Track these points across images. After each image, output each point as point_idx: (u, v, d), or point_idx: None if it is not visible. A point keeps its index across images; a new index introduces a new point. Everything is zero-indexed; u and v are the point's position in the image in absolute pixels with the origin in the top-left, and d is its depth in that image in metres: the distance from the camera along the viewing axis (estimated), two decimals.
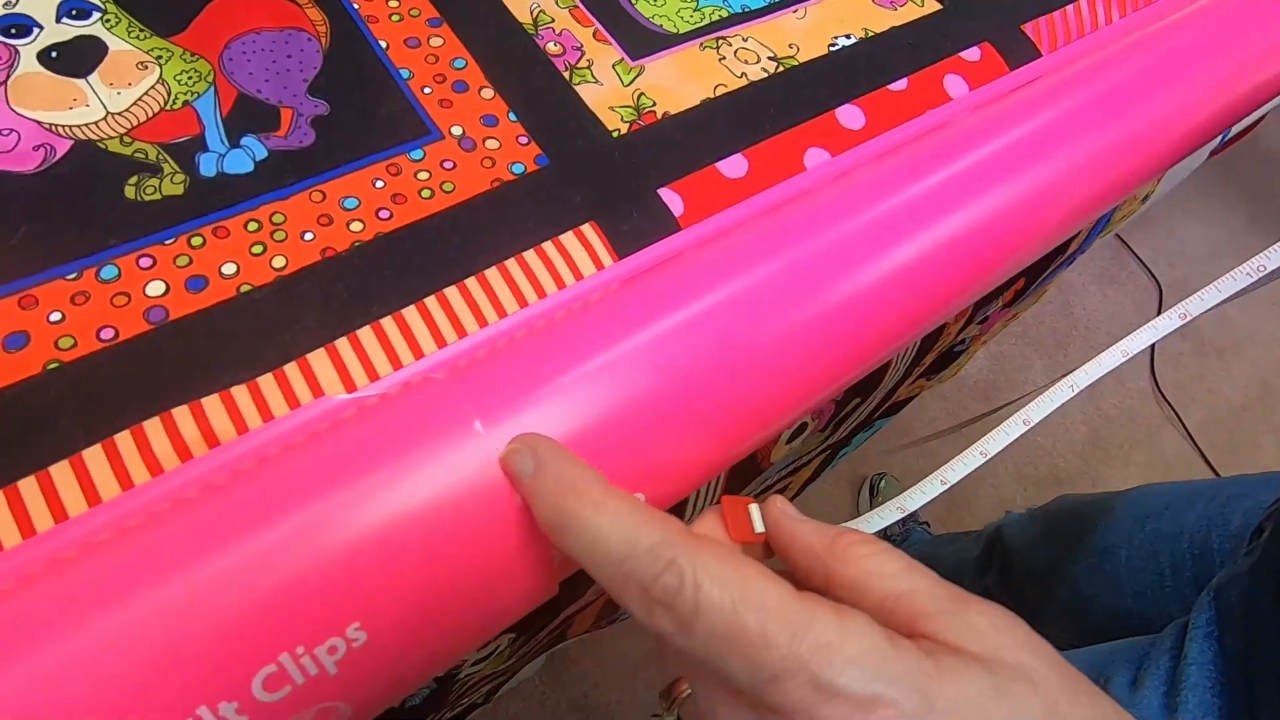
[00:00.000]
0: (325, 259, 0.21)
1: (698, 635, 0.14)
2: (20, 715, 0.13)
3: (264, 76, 0.24)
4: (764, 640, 0.14)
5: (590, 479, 0.16)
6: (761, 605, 0.14)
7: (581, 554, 0.15)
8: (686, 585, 0.14)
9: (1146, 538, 0.50)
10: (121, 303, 0.20)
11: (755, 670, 0.14)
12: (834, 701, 0.14)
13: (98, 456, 0.18)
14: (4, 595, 0.15)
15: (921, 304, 0.26)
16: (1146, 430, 1.38)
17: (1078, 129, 0.29)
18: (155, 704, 0.14)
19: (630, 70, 0.27)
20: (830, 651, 0.14)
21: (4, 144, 0.21)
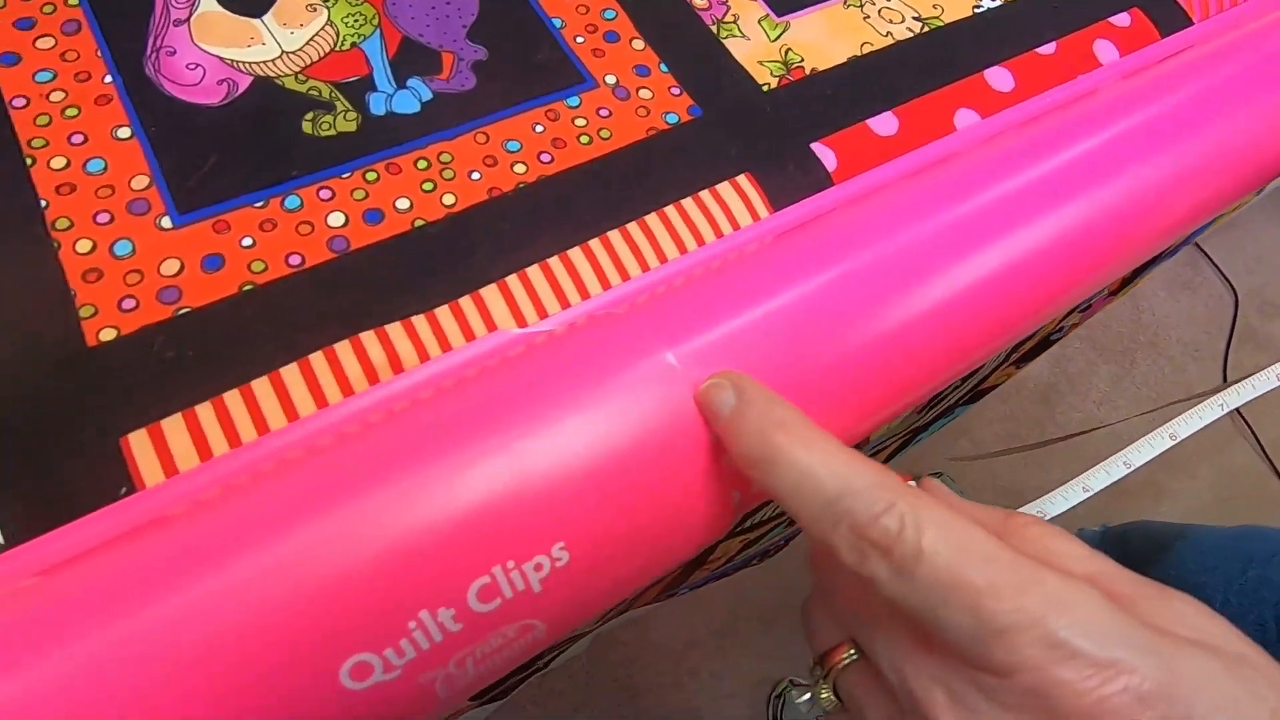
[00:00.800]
0: (492, 198, 0.22)
1: (918, 581, 0.13)
2: (259, 604, 0.13)
3: (425, 21, 0.25)
4: (992, 591, 0.13)
5: (797, 417, 0.15)
6: (987, 556, 0.13)
7: (786, 490, 0.15)
8: (908, 529, 0.14)
9: (1249, 583, 0.47)
10: (306, 231, 0.20)
11: (980, 622, 0.13)
12: (1071, 662, 0.13)
13: (294, 374, 0.18)
14: (230, 496, 0.15)
15: (1074, 273, 0.25)
16: (1216, 443, 1.33)
17: (1232, 101, 0.28)
18: (382, 606, 0.14)
19: (776, 26, 0.27)
20: (1065, 610, 0.13)
21: (191, 77, 0.22)
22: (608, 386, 0.17)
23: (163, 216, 0.20)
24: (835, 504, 0.14)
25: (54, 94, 0.21)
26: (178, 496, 0.16)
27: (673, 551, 0.18)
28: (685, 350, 0.17)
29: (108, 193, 0.20)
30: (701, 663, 1.06)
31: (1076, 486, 0.26)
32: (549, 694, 1.02)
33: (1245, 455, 1.33)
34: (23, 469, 0.16)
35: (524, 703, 1.03)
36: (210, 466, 0.17)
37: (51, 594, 0.14)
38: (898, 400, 0.21)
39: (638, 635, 1.07)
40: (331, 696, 0.14)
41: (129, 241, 0.19)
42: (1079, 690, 0.13)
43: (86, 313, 0.18)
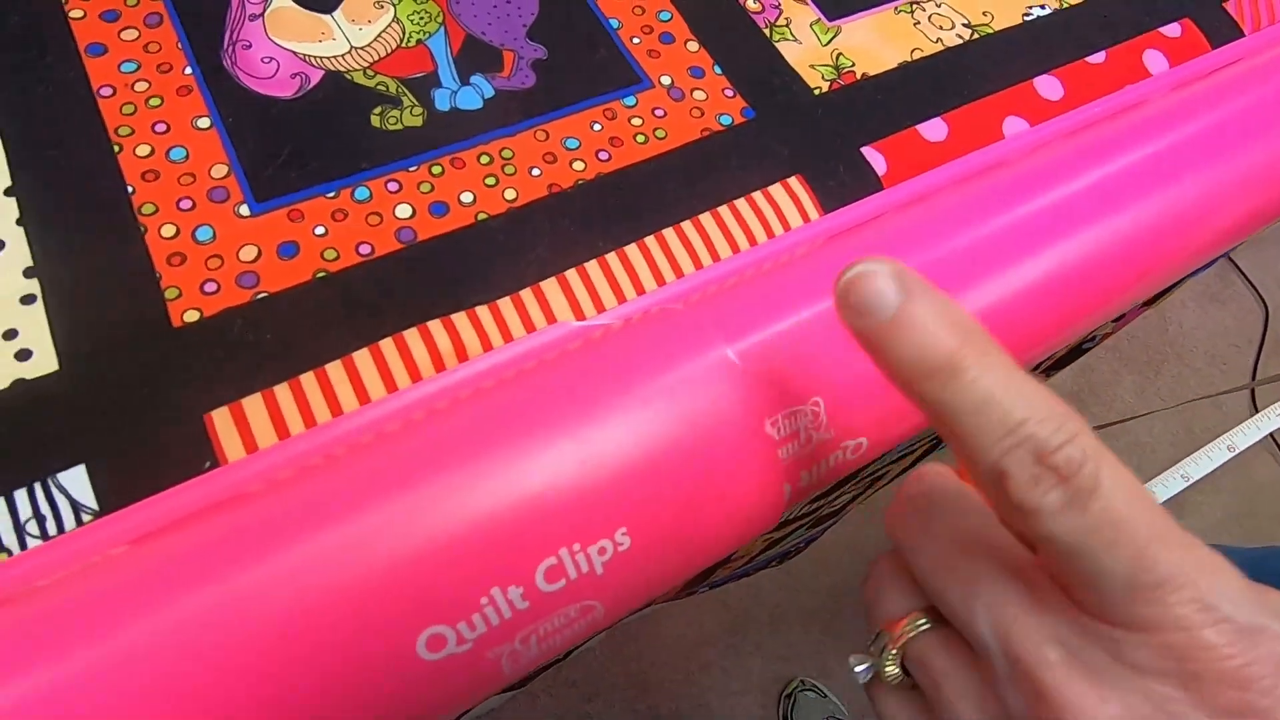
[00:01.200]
0: (552, 194, 0.22)
1: (1090, 515, 0.13)
2: (343, 576, 0.14)
3: (487, 19, 0.25)
4: (1161, 539, 0.13)
5: (978, 327, 0.14)
6: (1155, 511, 0.13)
7: (962, 406, 0.13)
8: (1090, 464, 0.13)
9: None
10: (375, 222, 0.21)
11: (1139, 569, 0.13)
12: (1220, 626, 0.13)
13: (365, 359, 0.19)
14: (312, 474, 0.16)
15: (1117, 284, 0.25)
16: (1241, 458, 1.31)
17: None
18: (457, 582, 0.15)
19: (828, 30, 0.27)
20: (1218, 575, 0.13)
21: (266, 70, 0.23)
22: (669, 380, 0.17)
23: (241, 204, 0.20)
24: (1020, 427, 0.13)
25: (138, 84, 0.22)
26: (258, 472, 0.17)
27: (726, 540, 0.18)
28: (744, 346, 0.18)
29: (189, 180, 0.20)
30: (713, 659, 1.07)
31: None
32: (563, 684, 1.03)
33: (1270, 470, 1.32)
34: (116, 442, 0.17)
35: (538, 692, 1.04)
36: (288, 444, 0.17)
37: (143, 561, 0.15)
38: None
39: (651, 630, 1.08)
40: (407, 665, 0.15)
41: (210, 227, 0.20)
42: (1224, 654, 0.12)
43: (171, 295, 0.19)
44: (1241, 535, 1.25)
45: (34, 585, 0.15)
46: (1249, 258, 1.47)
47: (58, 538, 0.16)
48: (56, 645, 0.14)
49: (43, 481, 0.16)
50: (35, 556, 0.16)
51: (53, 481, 0.16)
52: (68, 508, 0.16)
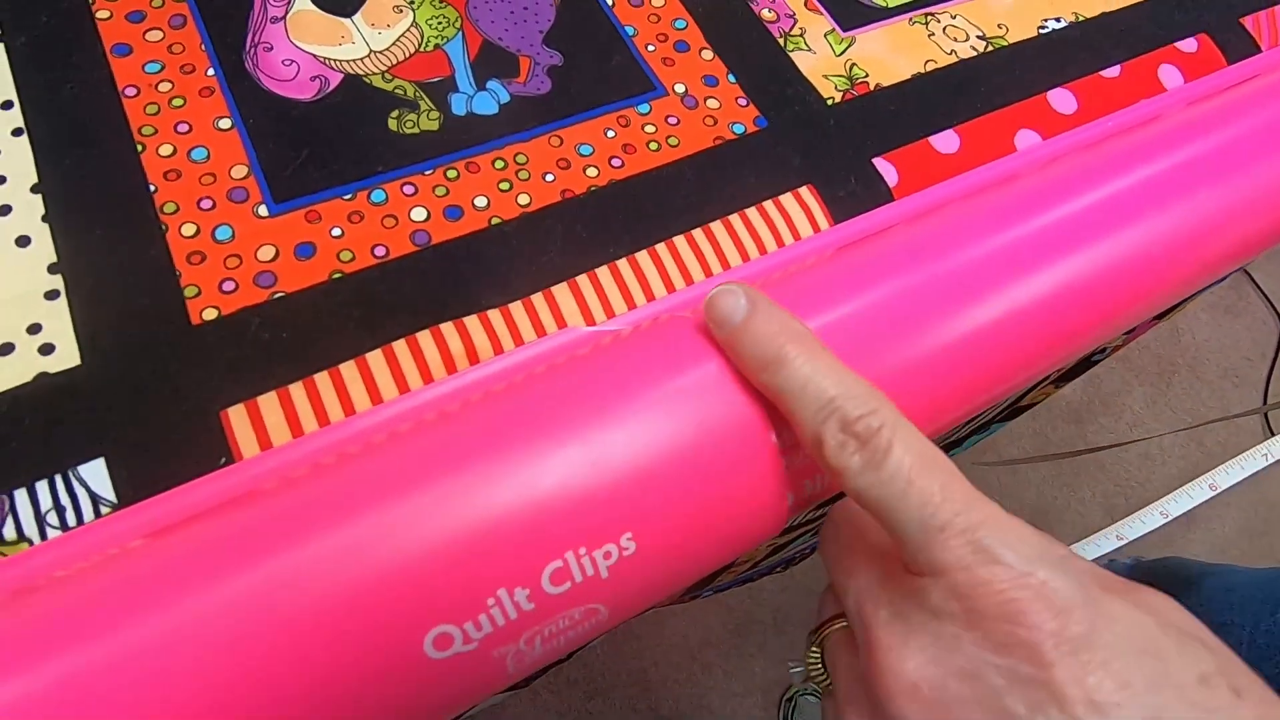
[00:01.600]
0: (565, 200, 0.23)
1: (883, 473, 0.15)
2: (353, 574, 0.15)
3: (504, 25, 0.25)
4: (942, 495, 0.15)
5: (806, 330, 0.17)
6: (946, 471, 0.15)
7: (789, 389, 0.16)
8: (885, 430, 0.16)
9: (1277, 626, 0.46)
10: (390, 224, 0.21)
11: (926, 516, 0.15)
12: (993, 566, 0.14)
13: (379, 359, 0.19)
14: (325, 472, 0.16)
15: (1128, 298, 0.25)
16: (1252, 476, 1.30)
17: None
18: (465, 582, 0.15)
19: (842, 40, 0.28)
20: (1000, 528, 0.15)
21: (287, 73, 0.23)
22: (676, 387, 0.17)
23: (260, 205, 0.21)
24: (832, 401, 0.16)
25: (162, 84, 0.22)
26: (272, 469, 0.17)
27: (729, 546, 0.18)
28: None
29: (210, 180, 0.21)
30: (715, 660, 1.07)
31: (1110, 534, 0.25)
32: (565, 683, 1.04)
33: None
34: (134, 436, 0.17)
35: (539, 689, 1.04)
36: (302, 443, 0.18)
37: (158, 555, 0.15)
38: (949, 413, 0.21)
39: (653, 630, 1.08)
40: (414, 663, 0.15)
41: (229, 227, 0.20)
42: (997, 589, 0.14)
43: (190, 293, 0.19)
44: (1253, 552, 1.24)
45: (54, 575, 0.16)
46: (1264, 270, 1.46)
47: (77, 529, 0.16)
48: (76, 635, 0.14)
49: (63, 473, 0.17)
50: (55, 547, 0.16)
51: (73, 473, 0.17)
52: (87, 500, 0.17)
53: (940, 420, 0.22)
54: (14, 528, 0.16)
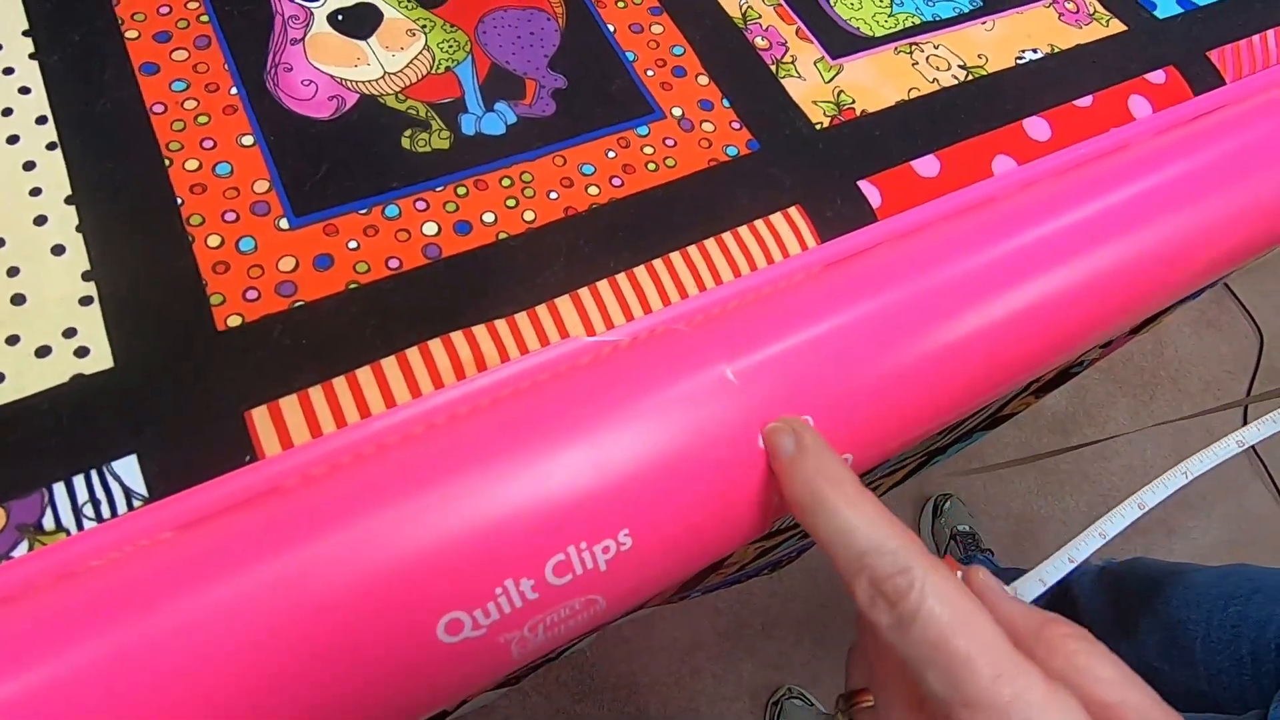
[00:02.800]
0: (568, 217, 0.24)
1: (911, 636, 0.15)
2: (371, 563, 0.16)
3: (511, 49, 0.27)
4: (968, 666, 0.15)
5: (847, 475, 0.17)
6: (977, 637, 0.15)
7: (825, 536, 0.17)
8: (915, 591, 0.15)
9: (1229, 619, 0.48)
10: (403, 238, 0.23)
11: (952, 689, 0.15)
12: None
13: (392, 366, 0.20)
14: (334, 473, 0.17)
15: (1098, 314, 0.27)
16: (1233, 484, 1.32)
17: (1259, 161, 0.30)
18: (475, 572, 0.16)
19: (830, 68, 0.29)
20: (1030, 709, 0.14)
21: (306, 93, 0.24)
22: (671, 394, 0.19)
23: (281, 218, 0.22)
24: (863, 557, 0.16)
25: (187, 102, 0.23)
26: (293, 466, 0.19)
27: (720, 543, 0.20)
28: (741, 366, 0.19)
29: (234, 194, 0.22)
30: (704, 664, 1.08)
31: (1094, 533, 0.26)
32: (554, 684, 1.05)
33: (1261, 498, 1.33)
34: (164, 434, 0.19)
35: (528, 690, 1.05)
36: (321, 442, 0.19)
37: (187, 548, 0.17)
38: (929, 420, 0.23)
39: (642, 633, 1.09)
40: (427, 647, 0.16)
41: (252, 239, 0.22)
42: None
43: (216, 300, 0.20)
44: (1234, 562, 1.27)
45: (89, 564, 0.17)
46: (1245, 285, 1.49)
47: (111, 520, 0.18)
48: (109, 620, 0.15)
49: (98, 468, 0.18)
50: (90, 537, 0.17)
51: (107, 469, 0.18)
52: (120, 493, 0.18)
53: (921, 428, 0.24)
54: (53, 518, 0.17)
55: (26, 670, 0.15)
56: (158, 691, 0.15)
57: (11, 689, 0.15)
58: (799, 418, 0.19)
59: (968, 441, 0.61)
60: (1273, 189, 0.30)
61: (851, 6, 0.31)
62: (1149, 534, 1.25)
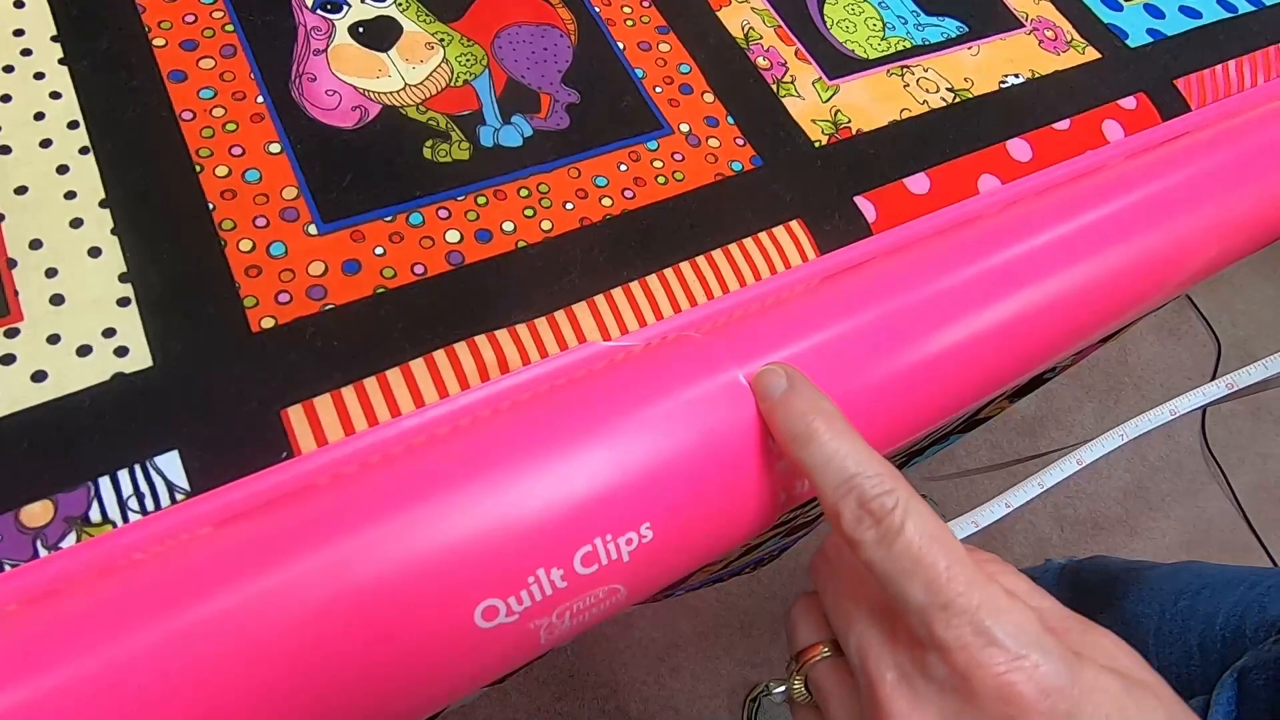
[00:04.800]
0: (583, 227, 0.25)
1: (894, 550, 0.17)
2: (414, 552, 0.17)
3: (526, 64, 0.28)
4: (947, 575, 0.16)
5: (834, 410, 0.19)
6: (952, 552, 0.17)
7: (814, 463, 0.18)
8: (898, 510, 0.17)
9: (1179, 613, 0.50)
10: (427, 245, 0.24)
11: (931, 595, 0.16)
12: (990, 649, 0.16)
13: (420, 367, 0.21)
14: (375, 469, 0.18)
15: (1076, 322, 0.29)
16: (1190, 487, 1.38)
17: (1222, 183, 0.32)
18: (510, 562, 0.17)
19: (828, 88, 0.31)
20: (997, 611, 0.16)
21: (330, 102, 0.25)
22: (686, 396, 0.20)
23: (309, 224, 0.23)
24: (851, 479, 0.18)
25: (215, 109, 0.24)
26: (328, 463, 0.20)
27: (731, 535, 0.21)
28: (752, 369, 0.21)
29: (263, 200, 0.23)
30: (683, 663, 1.10)
31: (1033, 483, 0.28)
32: (535, 683, 1.05)
33: (1218, 501, 1.38)
34: (204, 431, 0.19)
35: (509, 690, 1.05)
36: (354, 440, 0.20)
37: (227, 542, 0.17)
38: (923, 419, 0.24)
39: (623, 633, 1.10)
40: (465, 632, 0.17)
41: (282, 244, 0.22)
42: (992, 671, 0.16)
43: (249, 303, 0.21)
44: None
45: (134, 556, 0.17)
46: (1204, 295, 1.55)
47: (154, 514, 0.18)
48: (161, 607, 0.16)
49: (142, 464, 0.19)
50: (136, 529, 0.18)
51: (150, 464, 0.19)
52: (163, 487, 0.19)
53: (913, 428, 0.25)
54: (99, 512, 0.18)
55: (84, 655, 0.15)
56: (209, 674, 0.16)
57: (69, 673, 0.15)
58: (786, 364, 0.20)
59: (945, 444, 0.64)
60: (1233, 209, 0.32)
61: (847, 30, 0.33)
62: (1111, 532, 1.30)
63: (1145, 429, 0.35)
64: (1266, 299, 1.56)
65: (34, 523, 0.18)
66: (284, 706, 0.16)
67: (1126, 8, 0.38)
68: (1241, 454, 1.43)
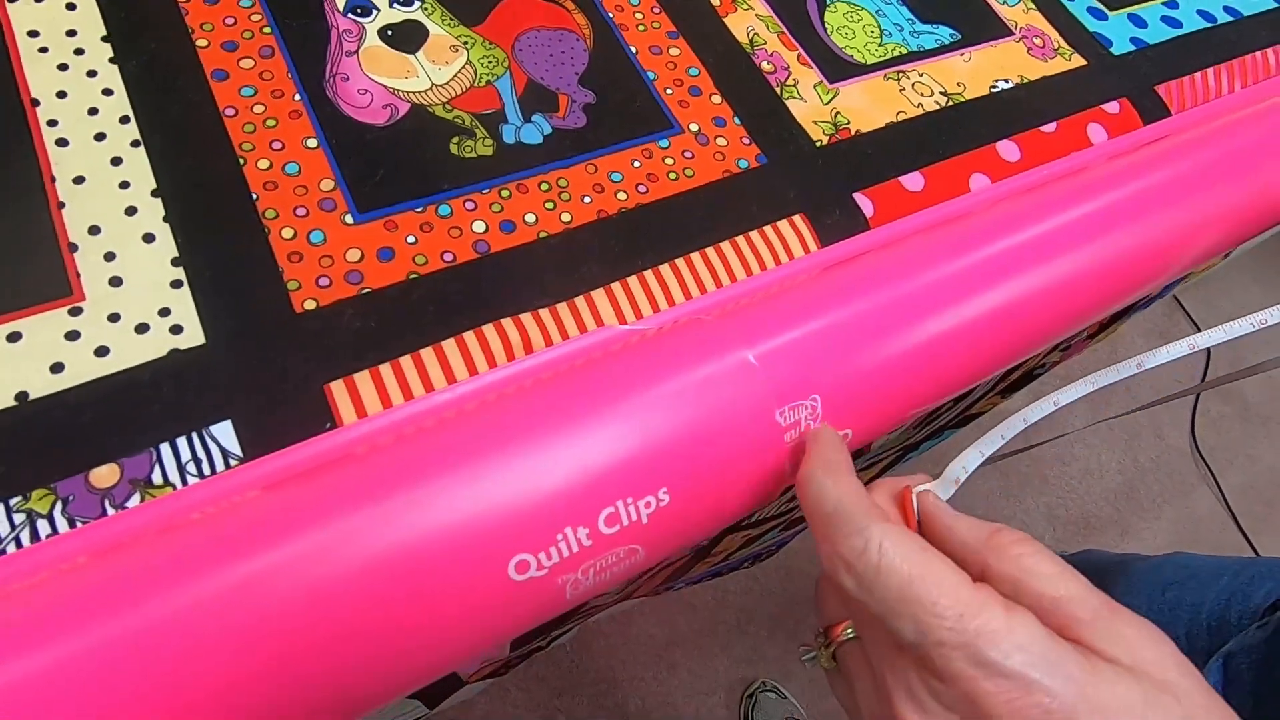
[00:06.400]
0: (600, 219, 0.27)
1: (875, 594, 0.17)
2: (456, 511, 0.18)
3: (545, 66, 0.30)
4: (933, 610, 0.16)
5: (844, 463, 0.20)
6: (937, 583, 0.16)
7: (807, 502, 0.19)
8: (870, 550, 0.17)
9: (1166, 603, 0.51)
10: (455, 235, 0.25)
11: (921, 634, 0.16)
12: (995, 679, 0.15)
13: (451, 347, 0.23)
14: (415, 438, 0.20)
15: (1061, 313, 0.31)
16: (1181, 488, 1.40)
17: (1198, 183, 0.34)
18: (541, 520, 0.19)
19: (828, 91, 0.33)
20: (996, 636, 0.16)
21: (362, 101, 0.27)
22: (701, 375, 0.22)
23: (346, 214, 0.24)
24: (828, 519, 0.18)
25: (256, 106, 0.26)
26: (368, 433, 0.21)
27: (741, 503, 0.23)
28: (760, 351, 0.22)
29: (303, 191, 0.24)
30: (681, 660, 1.11)
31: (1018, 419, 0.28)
32: (534, 680, 1.06)
33: (1207, 501, 1.40)
34: (255, 403, 0.21)
35: (509, 686, 1.07)
36: (391, 412, 0.22)
37: (283, 502, 0.19)
38: (917, 400, 0.26)
39: (621, 629, 1.12)
40: (498, 584, 0.19)
41: (321, 232, 0.24)
42: (1003, 699, 0.15)
43: (293, 286, 0.23)
44: None
45: (191, 517, 0.19)
46: (1193, 298, 1.57)
47: (211, 477, 0.20)
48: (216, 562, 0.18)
49: (199, 432, 0.20)
50: (194, 491, 0.20)
51: (206, 432, 0.20)
52: (219, 453, 0.20)
53: (910, 409, 0.27)
54: (161, 474, 0.20)
55: (152, 604, 0.17)
56: (270, 618, 0.17)
57: (137, 620, 0.17)
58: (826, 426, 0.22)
59: (939, 439, 0.66)
60: (1210, 208, 0.34)
61: (846, 36, 0.35)
62: (1103, 532, 1.32)
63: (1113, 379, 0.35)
64: (1252, 300, 1.59)
65: (102, 484, 0.19)
66: (329, 651, 0.18)
67: (1111, 17, 0.40)
68: (1230, 455, 1.46)
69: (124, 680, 0.16)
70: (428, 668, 0.20)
